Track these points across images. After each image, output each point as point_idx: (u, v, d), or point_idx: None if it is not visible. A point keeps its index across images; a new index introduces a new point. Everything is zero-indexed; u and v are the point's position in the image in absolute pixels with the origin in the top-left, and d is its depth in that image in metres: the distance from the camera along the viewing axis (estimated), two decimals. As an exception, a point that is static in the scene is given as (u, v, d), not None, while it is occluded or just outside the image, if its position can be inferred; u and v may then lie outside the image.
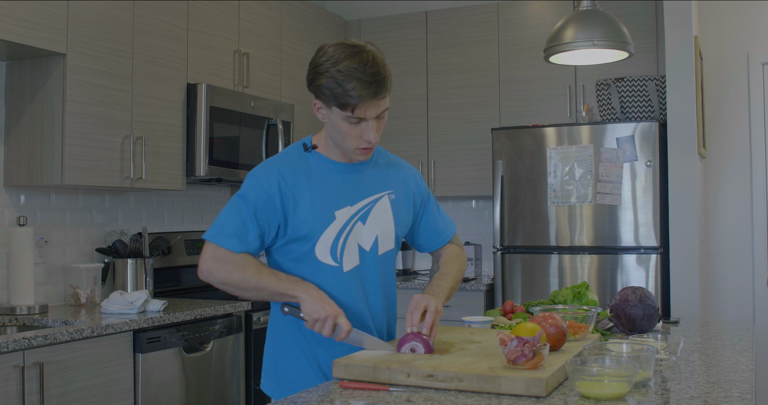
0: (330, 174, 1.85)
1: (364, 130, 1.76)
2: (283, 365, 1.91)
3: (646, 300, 2.16)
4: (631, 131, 3.88)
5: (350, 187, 1.86)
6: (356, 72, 1.68)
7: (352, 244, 1.84)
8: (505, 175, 4.15)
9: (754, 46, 4.43)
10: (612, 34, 2.60)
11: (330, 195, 1.83)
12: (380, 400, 1.47)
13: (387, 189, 1.92)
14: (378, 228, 1.88)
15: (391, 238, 1.92)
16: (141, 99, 3.38)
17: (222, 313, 3.29)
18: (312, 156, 1.86)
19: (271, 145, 4.05)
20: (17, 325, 2.91)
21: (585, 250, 3.98)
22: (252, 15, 4.13)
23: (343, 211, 1.83)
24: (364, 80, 1.68)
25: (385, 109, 1.77)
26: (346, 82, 1.68)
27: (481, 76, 4.68)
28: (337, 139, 1.81)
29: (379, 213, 1.89)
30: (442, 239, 2.07)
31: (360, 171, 1.90)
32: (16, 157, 3.12)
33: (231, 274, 1.77)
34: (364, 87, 1.68)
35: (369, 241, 1.87)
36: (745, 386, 1.59)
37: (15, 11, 2.80)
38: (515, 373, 1.49)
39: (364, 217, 1.86)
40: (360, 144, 1.78)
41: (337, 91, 1.69)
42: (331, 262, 1.83)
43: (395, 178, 1.96)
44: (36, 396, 2.46)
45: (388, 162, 1.99)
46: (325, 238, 1.81)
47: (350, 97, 1.69)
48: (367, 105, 1.71)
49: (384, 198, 1.91)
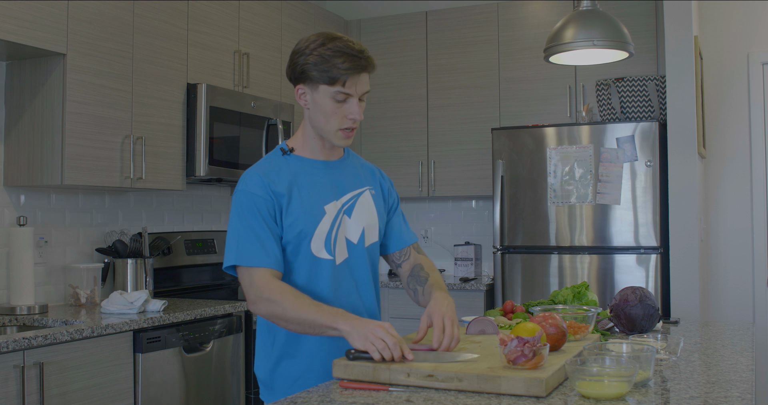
0: (312, 171, 1.89)
1: (349, 109, 1.80)
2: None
3: (646, 300, 2.16)
4: (631, 131, 3.88)
5: (332, 182, 1.90)
6: (344, 48, 1.77)
7: (341, 237, 1.88)
8: (505, 175, 4.15)
9: (754, 46, 4.43)
10: (612, 34, 2.60)
11: (316, 190, 1.87)
12: (380, 400, 1.47)
13: (366, 185, 1.97)
14: (363, 221, 1.92)
15: (375, 230, 1.96)
16: (141, 99, 3.38)
17: (222, 313, 3.29)
18: (291, 158, 1.90)
19: (271, 145, 4.05)
20: (17, 325, 2.91)
21: (585, 250, 3.98)
22: (252, 15, 4.13)
23: (331, 205, 1.87)
24: (352, 55, 1.76)
25: (367, 92, 1.84)
26: (334, 57, 1.76)
27: (481, 76, 4.68)
28: (320, 122, 1.84)
29: (363, 206, 1.93)
30: (404, 241, 2.04)
31: (338, 168, 1.94)
32: (16, 157, 3.12)
33: (271, 305, 1.75)
34: (353, 60, 1.76)
35: (356, 234, 1.90)
36: (745, 386, 1.59)
37: (15, 11, 2.80)
38: (515, 373, 1.49)
39: (349, 211, 1.90)
40: (343, 123, 1.82)
41: (325, 66, 1.76)
42: (326, 255, 1.86)
43: (371, 178, 2.02)
44: (36, 396, 2.46)
45: (362, 163, 2.05)
46: (320, 233, 1.84)
47: (340, 69, 1.75)
48: (356, 79, 1.78)
49: (366, 193, 1.95)
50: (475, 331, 1.99)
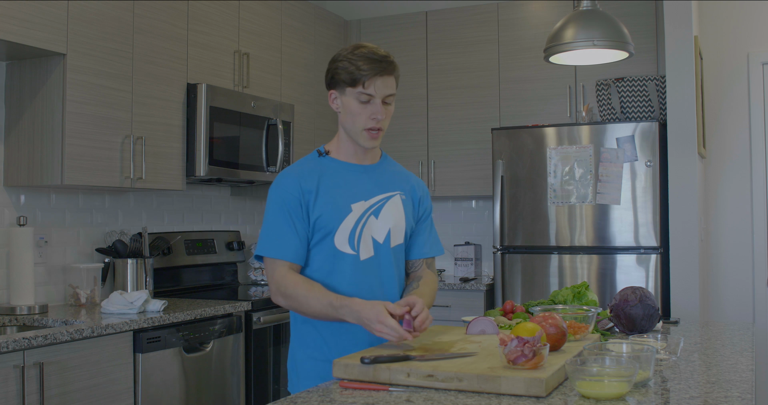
0: (345, 173, 2.01)
1: (372, 110, 1.93)
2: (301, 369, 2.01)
3: (646, 300, 2.16)
4: (631, 131, 3.88)
5: (363, 184, 2.01)
6: (368, 53, 1.93)
7: (366, 235, 1.97)
8: (505, 175, 4.15)
9: (754, 46, 4.43)
10: (612, 34, 2.60)
11: (346, 189, 1.98)
12: (380, 400, 1.47)
13: (398, 190, 2.06)
14: (390, 222, 2.01)
15: (402, 233, 2.04)
16: (141, 99, 3.38)
17: (222, 313, 3.29)
18: (326, 160, 2.03)
19: (271, 145, 4.05)
20: (17, 325, 2.91)
21: (585, 250, 3.98)
22: (252, 15, 4.13)
23: (358, 204, 1.97)
24: (374, 59, 1.92)
25: (392, 95, 1.96)
26: (357, 60, 1.92)
27: (481, 76, 4.68)
28: (348, 123, 1.97)
29: (391, 209, 2.02)
30: (423, 252, 2.11)
31: (371, 171, 2.04)
32: (16, 157, 3.12)
33: (287, 300, 1.91)
34: (373, 63, 1.91)
35: (382, 234, 1.99)
36: (745, 386, 1.59)
37: (15, 11, 2.80)
38: (515, 373, 1.49)
39: (377, 212, 1.99)
40: (368, 123, 1.94)
41: (350, 69, 1.91)
42: (349, 250, 1.95)
43: (405, 184, 2.10)
44: (36, 396, 2.46)
45: (398, 170, 2.14)
46: (344, 228, 1.94)
47: (360, 70, 1.90)
48: (375, 81, 1.91)
49: (396, 197, 2.04)
50: (475, 331, 1.99)
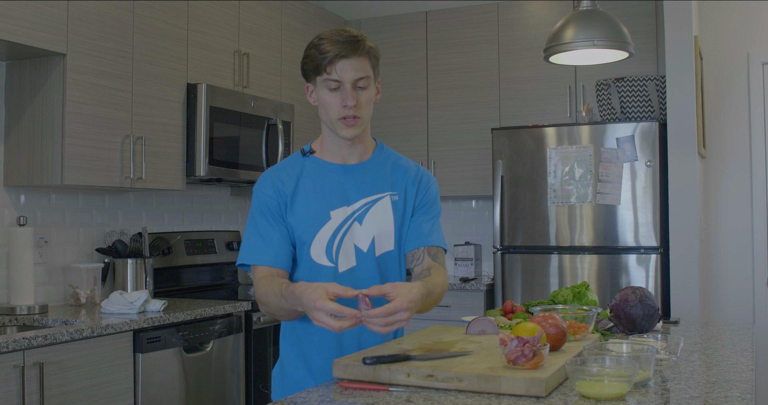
0: (325, 175, 1.86)
1: (342, 96, 1.77)
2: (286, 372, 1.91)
3: (646, 300, 2.16)
4: (631, 131, 3.88)
5: (346, 187, 1.85)
6: (332, 35, 1.76)
7: (348, 244, 1.83)
8: (505, 175, 4.15)
9: (754, 46, 4.43)
10: (612, 34, 2.60)
11: (325, 195, 1.84)
12: (380, 400, 1.47)
13: (389, 190, 1.89)
14: (374, 229, 1.84)
15: (390, 239, 1.87)
16: (141, 99, 3.38)
17: (222, 313, 3.29)
18: (308, 160, 1.89)
19: (271, 145, 4.05)
20: (17, 325, 2.91)
21: (585, 250, 3.98)
22: (252, 15, 4.13)
23: (339, 211, 1.83)
24: (337, 40, 1.75)
25: (364, 78, 1.78)
26: (321, 44, 1.76)
27: (481, 76, 4.68)
28: (323, 115, 1.83)
29: (378, 214, 1.85)
30: (419, 241, 1.88)
31: (356, 172, 1.88)
32: (16, 157, 3.12)
33: (263, 307, 1.79)
34: (336, 44, 1.74)
35: (366, 242, 1.84)
36: (745, 386, 1.59)
37: (15, 11, 2.80)
38: (515, 373, 1.49)
39: (360, 218, 1.84)
40: (342, 112, 1.78)
41: (315, 55, 1.76)
42: (326, 262, 1.82)
43: (400, 180, 1.91)
44: (36, 396, 2.46)
45: (394, 164, 1.94)
46: (320, 238, 1.81)
47: (323, 54, 1.74)
48: (339, 64, 1.74)
49: (385, 199, 1.87)
50: (475, 331, 1.99)
